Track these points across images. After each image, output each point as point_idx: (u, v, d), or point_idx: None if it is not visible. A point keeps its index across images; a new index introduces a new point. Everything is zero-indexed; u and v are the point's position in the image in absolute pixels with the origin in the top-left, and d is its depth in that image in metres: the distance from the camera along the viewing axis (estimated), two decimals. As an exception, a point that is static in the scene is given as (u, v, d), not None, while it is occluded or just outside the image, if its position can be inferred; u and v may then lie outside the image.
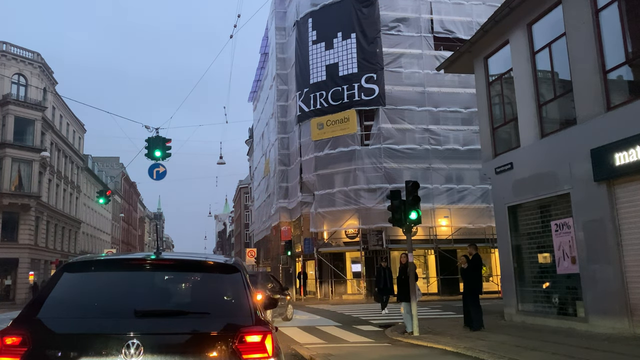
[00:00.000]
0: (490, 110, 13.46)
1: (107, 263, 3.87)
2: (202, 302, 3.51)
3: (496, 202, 13.27)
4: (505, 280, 12.76)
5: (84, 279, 3.54)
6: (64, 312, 3.24)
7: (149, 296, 3.47)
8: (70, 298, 3.35)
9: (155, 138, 18.26)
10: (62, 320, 3.17)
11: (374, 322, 14.85)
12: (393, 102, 27.51)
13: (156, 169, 18.92)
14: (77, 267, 3.60)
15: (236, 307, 3.38)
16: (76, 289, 3.44)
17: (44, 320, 3.17)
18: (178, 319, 3.26)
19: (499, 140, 13.25)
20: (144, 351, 2.95)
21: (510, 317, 12.33)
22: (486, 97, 13.56)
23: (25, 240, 38.14)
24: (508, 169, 12.45)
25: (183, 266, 3.80)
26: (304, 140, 29.80)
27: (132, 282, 3.49)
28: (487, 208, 27.51)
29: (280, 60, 33.60)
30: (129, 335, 2.98)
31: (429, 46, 28.42)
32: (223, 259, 3.85)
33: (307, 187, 29.52)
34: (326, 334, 12.14)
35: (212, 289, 3.58)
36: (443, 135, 27.92)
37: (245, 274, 3.64)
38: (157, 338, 3.06)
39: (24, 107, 38.50)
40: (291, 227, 32.07)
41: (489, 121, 13.43)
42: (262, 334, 3.19)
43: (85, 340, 3.02)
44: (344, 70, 28.24)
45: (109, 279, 3.54)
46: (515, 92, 12.34)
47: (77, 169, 53.17)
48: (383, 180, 26.97)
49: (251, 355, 3.11)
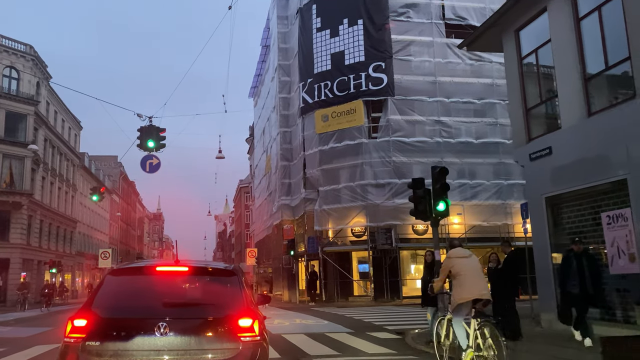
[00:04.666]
0: (522, 89, 11.90)
1: (139, 269, 5.14)
2: (209, 296, 4.67)
3: (531, 193, 11.70)
4: (543, 281, 11.19)
5: (124, 281, 4.77)
6: (110, 304, 4.41)
7: (172, 292, 4.66)
8: (114, 294, 4.54)
9: (148, 127, 16.96)
10: (111, 310, 4.32)
11: (389, 329, 13.33)
12: (402, 92, 25.96)
13: (149, 161, 17.55)
14: (117, 272, 4.98)
15: (234, 300, 4.51)
16: (119, 288, 4.63)
17: (98, 311, 4.27)
18: (192, 308, 4.46)
19: (534, 123, 11.69)
20: (170, 330, 4.09)
21: (548, 324, 10.77)
22: (518, 74, 12.01)
23: (17, 239, 36.62)
24: (546, 154, 10.89)
25: (196, 271, 4.89)
26: (307, 134, 28.24)
27: (159, 282, 4.68)
28: (503, 205, 25.98)
29: (283, 50, 31.99)
30: (159, 319, 4.11)
31: (440, 33, 26.90)
32: (224, 265, 5.39)
33: (311, 183, 27.97)
34: (338, 342, 10.58)
35: (217, 287, 4.75)
36: (455, 128, 26.38)
37: (241, 276, 4.86)
38: (179, 321, 4.16)
39: (16, 101, 36.99)
40: (294, 225, 30.49)
41: (521, 102, 11.88)
42: (251, 319, 4.30)
43: (129, 323, 4.16)
44: (350, 58, 26.67)
45: (143, 280, 4.77)
46: (554, 66, 10.79)
47: (72, 166, 51.57)
48: (392, 175, 25.43)
49: (244, 334, 4.22)
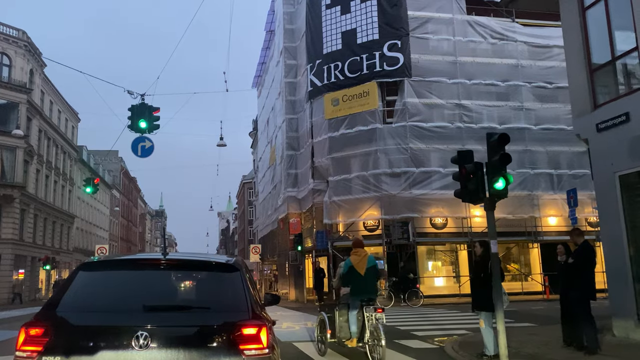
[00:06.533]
0: (586, 46, 9.80)
1: (118, 263, 4.46)
2: (204, 298, 3.86)
3: (599, 172, 9.59)
4: (615, 280, 9.11)
5: (98, 277, 3.93)
6: (80, 307, 3.57)
7: (157, 293, 3.80)
8: (85, 294, 3.69)
9: (140, 106, 14.94)
10: (78, 314, 3.52)
11: (418, 335, 11.30)
12: (420, 73, 23.85)
13: (141, 144, 15.45)
14: (92, 266, 4.06)
15: (235, 303, 3.66)
16: (90, 286, 3.79)
17: (63, 314, 3.54)
18: (182, 313, 3.62)
19: (602, 86, 9.60)
20: (152, 342, 3.28)
21: (625, 333, 8.70)
22: (580, 28, 9.89)
23: (9, 234, 34.80)
24: (621, 122, 8.80)
25: (187, 266, 4.19)
26: (316, 120, 26.11)
27: (141, 280, 3.86)
28: (529, 196, 23.86)
29: (289, 31, 29.80)
30: (138, 328, 3.30)
31: (461, 10, 24.78)
32: (225, 258, 4.22)
33: (320, 173, 25.88)
34: (363, 355, 8.53)
35: (214, 286, 3.91)
36: (477, 112, 24.27)
37: (244, 273, 3.93)
38: (163, 330, 3.36)
39: (7, 89, 35.18)
40: (301, 219, 28.43)
41: (584, 61, 9.77)
42: (257, 327, 3.48)
43: (99, 332, 3.39)
44: (363, 37, 24.53)
45: (120, 277, 3.91)
46: (634, 14, 8.68)
47: (70, 160, 49.66)
48: (409, 163, 23.34)
49: (247, 345, 3.39)
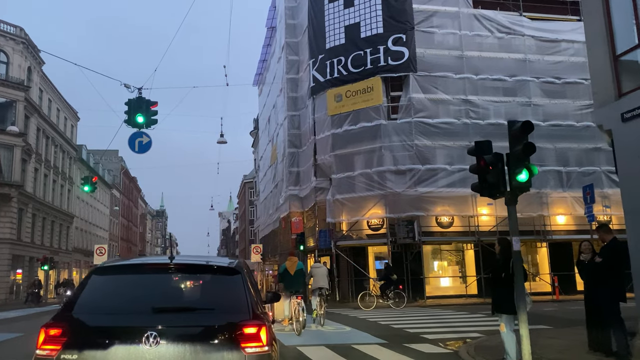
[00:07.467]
0: (610, 29, 9.19)
1: (128, 267, 4.56)
2: (208, 300, 4.07)
3: (624, 164, 8.96)
4: (642, 279, 8.48)
5: (109, 281, 4.17)
6: (94, 308, 3.84)
7: (164, 295, 4.06)
8: (98, 297, 3.97)
9: (137, 100, 14.51)
10: (93, 315, 3.78)
11: (429, 338, 10.68)
12: (425, 68, 23.23)
13: (138, 139, 15.03)
14: (104, 271, 4.31)
15: (236, 304, 3.91)
16: (103, 289, 4.04)
17: (78, 316, 3.80)
18: (188, 314, 3.89)
19: (627, 72, 8.98)
20: (161, 340, 3.53)
21: (654, 336, 8.07)
22: (603, 11, 9.28)
23: (6, 234, 34.15)
24: (650, 110, 8.18)
25: (192, 269, 4.39)
26: (318, 116, 25.50)
27: (149, 283, 4.10)
28: (537, 194, 23.19)
29: (290, 27, 29.20)
30: (148, 328, 3.56)
31: (467, 3, 24.19)
32: (227, 261, 4.50)
33: (323, 171, 25.28)
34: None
35: (217, 288, 4.16)
36: (484, 108, 23.67)
37: (246, 274, 4.22)
38: (171, 330, 3.61)
39: (4, 87, 34.55)
40: (303, 217, 27.82)
41: (607, 47, 9.15)
42: (257, 326, 3.73)
43: (112, 332, 3.62)
44: (367, 31, 23.92)
45: (130, 281, 4.15)
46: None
47: (69, 159, 49.10)
48: (414, 160, 22.73)
49: (248, 344, 3.64)
